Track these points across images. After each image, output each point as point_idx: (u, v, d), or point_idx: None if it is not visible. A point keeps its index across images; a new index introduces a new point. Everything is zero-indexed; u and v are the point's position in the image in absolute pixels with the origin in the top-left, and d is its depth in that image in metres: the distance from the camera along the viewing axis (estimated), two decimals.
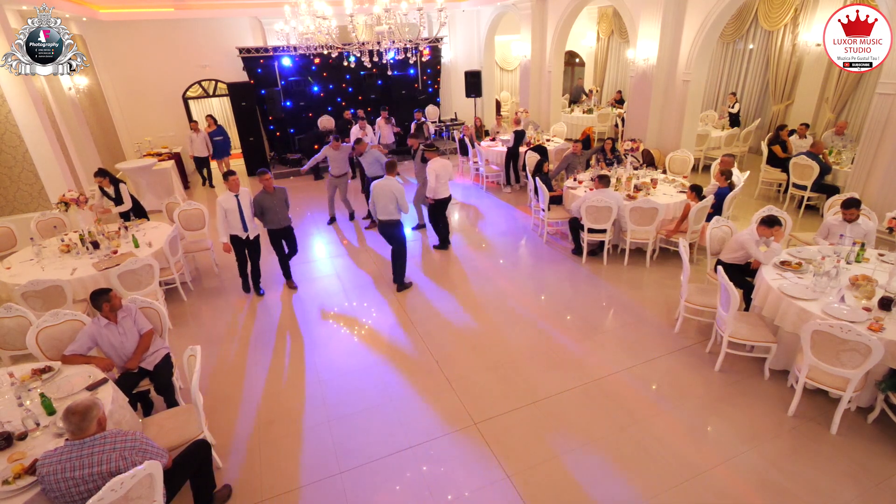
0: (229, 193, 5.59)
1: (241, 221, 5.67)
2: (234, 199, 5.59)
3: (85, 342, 3.80)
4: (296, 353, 5.09)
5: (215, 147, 10.89)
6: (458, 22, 13.87)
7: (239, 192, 5.61)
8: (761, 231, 4.61)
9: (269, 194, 5.86)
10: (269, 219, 5.92)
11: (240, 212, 5.62)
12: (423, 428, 4.00)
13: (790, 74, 10.35)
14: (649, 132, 9.37)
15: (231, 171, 5.60)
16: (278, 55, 11.52)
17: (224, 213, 5.60)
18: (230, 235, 5.78)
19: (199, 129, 10.63)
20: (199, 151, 10.81)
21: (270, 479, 3.60)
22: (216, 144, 10.91)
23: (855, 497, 3.26)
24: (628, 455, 3.66)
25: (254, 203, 5.82)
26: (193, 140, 10.62)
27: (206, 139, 10.64)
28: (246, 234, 5.77)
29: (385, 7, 5.88)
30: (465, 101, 13.62)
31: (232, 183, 5.55)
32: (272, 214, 5.90)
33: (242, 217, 5.65)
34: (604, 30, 14.71)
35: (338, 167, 8.23)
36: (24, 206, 7.44)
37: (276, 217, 5.92)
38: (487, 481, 3.50)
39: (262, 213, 5.89)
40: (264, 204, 5.83)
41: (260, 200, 5.83)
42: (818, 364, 3.64)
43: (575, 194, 6.89)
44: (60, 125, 8.12)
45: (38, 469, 2.55)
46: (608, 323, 5.40)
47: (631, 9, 9.09)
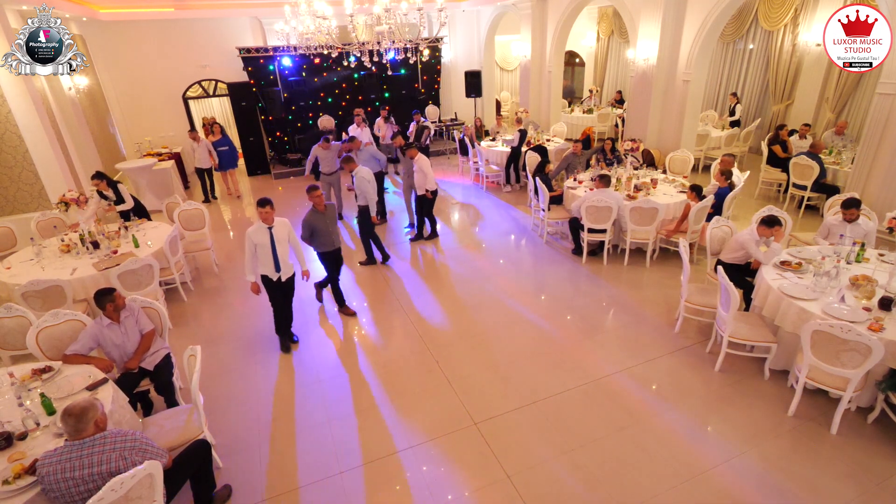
0: (261, 225, 4.58)
1: (273, 259, 4.66)
2: (267, 233, 4.58)
3: (87, 342, 3.80)
4: (296, 353, 5.09)
5: (221, 158, 9.89)
6: (458, 22, 13.87)
7: (273, 224, 4.63)
8: (761, 231, 4.61)
9: (321, 213, 5.17)
10: (321, 241, 5.25)
11: (272, 248, 4.62)
12: (424, 428, 4.00)
13: (790, 74, 10.35)
14: (649, 132, 9.37)
15: (266, 200, 4.52)
16: (278, 55, 11.52)
17: (254, 247, 4.65)
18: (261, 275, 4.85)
19: (199, 137, 9.66)
20: (201, 162, 9.77)
21: (270, 479, 3.60)
22: (221, 155, 9.91)
23: (855, 497, 3.26)
24: (628, 455, 3.66)
25: (303, 224, 5.16)
26: (195, 149, 9.64)
27: (208, 149, 9.67)
28: (278, 274, 4.77)
29: (385, 7, 5.88)
30: (465, 101, 13.62)
31: (265, 214, 4.53)
32: (324, 236, 5.24)
33: (275, 254, 4.65)
34: (604, 30, 14.71)
35: (328, 165, 8.35)
36: (25, 206, 7.44)
37: (327, 239, 5.28)
38: (487, 481, 3.50)
39: (311, 235, 5.24)
40: (316, 225, 5.15)
41: (311, 221, 5.13)
42: (818, 364, 3.64)
43: (575, 194, 6.89)
44: (60, 125, 8.12)
45: (38, 469, 2.55)
46: (608, 323, 5.40)
47: (631, 9, 9.09)
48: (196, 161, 9.75)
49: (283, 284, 4.84)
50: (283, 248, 4.67)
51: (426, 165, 7.01)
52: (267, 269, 4.71)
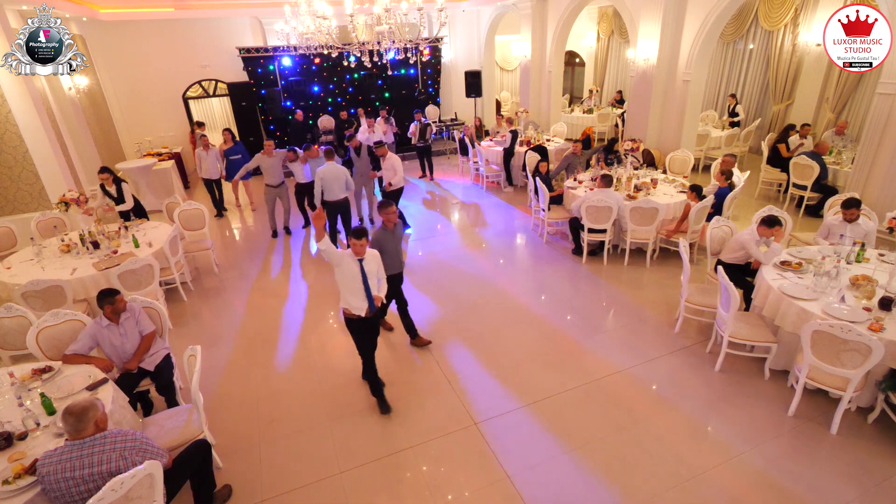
0: (352, 256, 3.91)
1: (365, 294, 3.96)
2: (358, 265, 3.90)
3: (86, 342, 3.80)
4: (296, 353, 5.09)
5: (232, 167, 8.84)
6: (458, 22, 13.86)
7: (365, 256, 3.93)
8: (761, 231, 4.61)
9: (390, 232, 4.65)
10: (387, 263, 4.57)
11: (364, 282, 3.94)
12: (424, 428, 4.00)
13: (790, 74, 10.34)
14: (649, 132, 9.37)
15: (361, 230, 3.87)
16: (278, 55, 11.53)
17: (342, 277, 3.95)
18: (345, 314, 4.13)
19: (209, 144, 8.69)
20: (208, 173, 8.80)
21: (270, 479, 3.60)
22: (233, 165, 8.83)
23: (855, 497, 3.26)
24: (628, 455, 3.66)
25: (373, 243, 4.51)
26: (202, 159, 8.68)
27: (217, 158, 8.76)
28: (370, 312, 4.06)
29: (385, 7, 5.89)
30: (465, 101, 13.61)
31: (359, 247, 3.86)
32: (392, 257, 4.65)
33: (368, 289, 3.96)
34: (604, 30, 14.71)
35: (273, 176, 7.71)
36: (25, 206, 7.44)
37: (395, 260, 4.73)
38: (487, 481, 3.50)
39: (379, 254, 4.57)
40: (385, 245, 4.57)
41: (380, 240, 4.57)
42: (818, 364, 3.64)
43: (575, 194, 6.90)
44: (60, 125, 8.12)
45: (38, 469, 2.55)
46: (608, 323, 5.40)
47: (631, 9, 9.09)
48: (203, 171, 8.78)
49: (369, 320, 4.14)
50: (374, 282, 4.06)
51: (397, 163, 7.34)
52: (355, 304, 4.00)
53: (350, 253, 3.90)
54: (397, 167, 7.32)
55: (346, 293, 3.99)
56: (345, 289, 3.98)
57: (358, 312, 4.01)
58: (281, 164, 7.82)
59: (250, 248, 7.89)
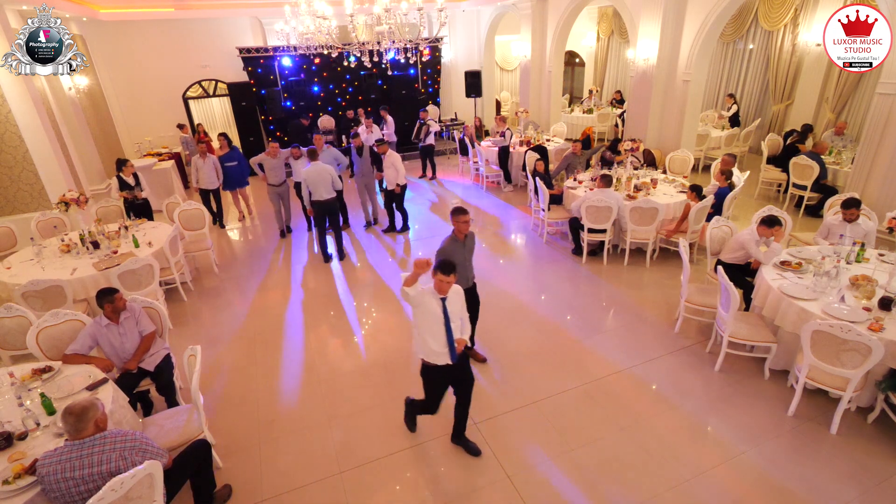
0: (433, 294, 3.35)
1: (447, 339, 3.38)
2: (440, 305, 3.34)
3: (86, 342, 3.80)
4: (296, 353, 5.09)
5: (227, 175, 8.33)
6: (458, 22, 13.86)
7: (447, 295, 3.36)
8: (761, 231, 4.61)
9: (461, 243, 4.22)
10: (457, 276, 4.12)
11: (447, 325, 3.36)
12: (424, 428, 4.00)
13: (790, 74, 10.34)
14: (649, 132, 9.37)
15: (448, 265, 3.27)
16: (278, 55, 11.52)
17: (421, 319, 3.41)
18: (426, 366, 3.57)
19: (207, 152, 8.11)
20: (206, 182, 8.11)
21: (270, 479, 3.60)
22: (228, 172, 8.32)
23: (855, 497, 3.26)
24: (628, 455, 3.66)
25: (438, 255, 4.11)
26: (199, 168, 8.02)
27: (216, 166, 8.16)
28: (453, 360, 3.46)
29: (385, 7, 5.89)
30: (465, 101, 13.61)
31: (445, 284, 3.28)
32: (461, 270, 4.10)
33: (450, 333, 3.38)
34: (604, 30, 14.71)
35: (276, 176, 7.67)
36: (25, 206, 7.44)
37: (464, 273, 4.24)
38: (487, 481, 3.50)
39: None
40: (454, 256, 4.05)
41: (449, 251, 4.13)
42: (818, 364, 3.64)
43: (575, 194, 6.90)
44: (61, 125, 8.12)
45: (38, 469, 2.55)
46: (608, 323, 5.40)
47: (631, 9, 9.09)
48: (200, 181, 8.13)
49: (455, 369, 3.52)
50: (457, 324, 3.46)
51: (398, 161, 7.40)
52: (436, 349, 3.40)
53: (432, 290, 3.30)
54: (398, 165, 7.40)
55: (424, 337, 3.41)
56: (423, 332, 3.41)
57: (437, 360, 3.44)
58: (283, 164, 7.83)
59: (250, 249, 7.90)
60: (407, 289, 3.28)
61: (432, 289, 3.31)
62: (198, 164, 8.07)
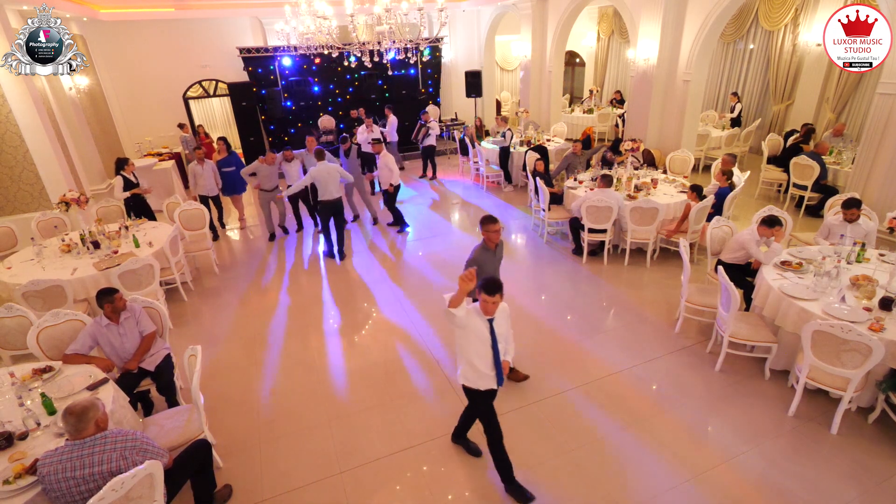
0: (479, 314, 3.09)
1: (493, 363, 3.16)
2: (487, 326, 3.09)
3: (86, 341, 3.80)
4: (296, 353, 5.09)
5: (224, 181, 8.10)
6: (459, 22, 13.86)
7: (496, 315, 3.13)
8: (762, 231, 4.61)
9: (491, 252, 4.07)
10: None
11: (494, 349, 3.13)
12: (423, 428, 4.00)
13: (790, 74, 10.34)
14: (649, 132, 9.37)
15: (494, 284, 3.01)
16: (278, 55, 11.52)
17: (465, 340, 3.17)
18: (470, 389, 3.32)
19: (205, 158, 7.80)
20: (205, 189, 7.83)
21: (270, 479, 3.60)
22: (226, 178, 8.10)
23: (856, 497, 3.26)
24: (628, 455, 3.66)
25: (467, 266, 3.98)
26: (198, 175, 7.74)
27: (214, 172, 7.88)
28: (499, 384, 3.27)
29: (385, 7, 5.89)
30: (466, 101, 13.62)
31: (492, 305, 3.03)
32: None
33: (497, 357, 3.15)
34: (604, 30, 14.71)
35: (270, 181, 7.67)
36: (25, 206, 7.44)
37: None
38: (487, 481, 3.50)
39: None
40: (484, 267, 3.91)
41: (480, 261, 3.94)
42: (819, 364, 3.64)
43: (575, 194, 6.90)
44: (61, 125, 8.12)
45: (38, 469, 2.55)
46: (608, 323, 5.39)
47: (631, 9, 9.09)
48: (199, 187, 7.87)
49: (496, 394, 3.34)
50: (503, 346, 3.24)
51: (391, 161, 7.49)
52: (482, 371, 3.18)
53: (478, 309, 3.07)
54: (391, 165, 7.48)
55: (469, 359, 3.17)
56: (467, 354, 3.18)
57: (481, 385, 3.21)
58: (277, 170, 7.79)
59: (250, 249, 7.90)
60: (454, 311, 2.93)
61: (478, 308, 3.06)
62: (196, 171, 7.79)
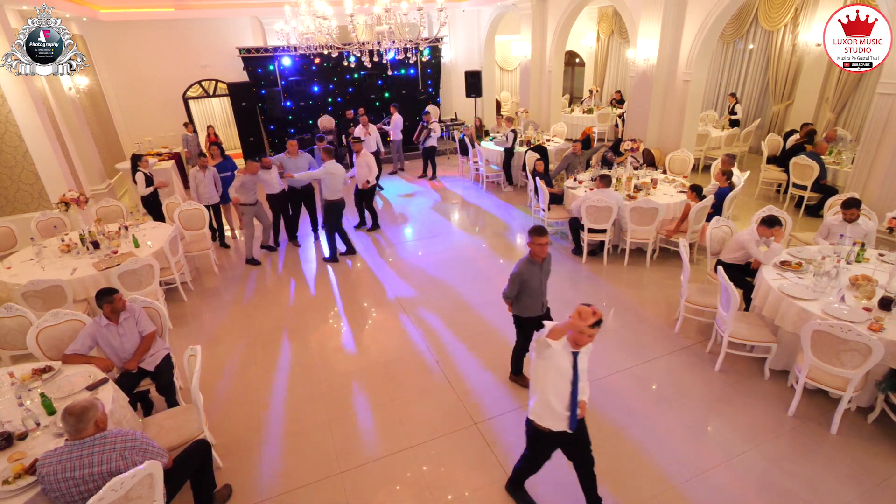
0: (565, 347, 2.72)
1: (570, 400, 2.80)
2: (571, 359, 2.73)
3: (85, 342, 3.80)
4: (296, 353, 5.09)
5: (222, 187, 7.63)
6: (458, 22, 13.87)
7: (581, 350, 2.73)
8: (761, 231, 4.61)
9: (538, 266, 3.81)
10: (527, 304, 3.90)
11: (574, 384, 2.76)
12: (423, 428, 4.00)
13: (790, 74, 10.35)
14: (649, 132, 9.37)
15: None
16: (278, 55, 11.53)
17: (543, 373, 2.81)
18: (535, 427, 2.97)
19: (207, 163, 7.36)
20: (206, 198, 7.32)
21: (270, 479, 3.60)
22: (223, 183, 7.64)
23: (856, 497, 3.26)
24: (628, 455, 3.66)
25: (513, 280, 3.80)
26: (199, 182, 7.28)
27: (216, 179, 7.43)
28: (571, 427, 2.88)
29: (385, 7, 5.89)
30: (465, 101, 13.62)
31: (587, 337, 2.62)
32: (534, 297, 3.88)
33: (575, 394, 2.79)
34: (604, 30, 14.71)
35: (249, 194, 6.82)
36: (25, 206, 7.44)
37: (537, 301, 3.93)
38: (487, 481, 3.50)
39: (518, 294, 3.88)
40: (529, 281, 3.77)
41: (525, 275, 3.76)
42: (818, 364, 3.64)
43: (575, 194, 6.90)
44: (61, 125, 8.13)
45: (38, 469, 2.55)
46: (608, 323, 5.39)
47: (631, 9, 9.09)
48: (200, 196, 7.36)
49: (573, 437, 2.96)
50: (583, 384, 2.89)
51: (371, 160, 7.59)
52: (556, 409, 2.82)
53: (565, 343, 2.69)
54: (371, 164, 7.56)
55: (544, 394, 2.82)
56: (542, 388, 2.83)
57: (552, 425, 2.87)
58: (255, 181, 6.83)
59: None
60: (552, 341, 2.63)
61: (566, 342, 2.71)
62: (197, 178, 7.28)
